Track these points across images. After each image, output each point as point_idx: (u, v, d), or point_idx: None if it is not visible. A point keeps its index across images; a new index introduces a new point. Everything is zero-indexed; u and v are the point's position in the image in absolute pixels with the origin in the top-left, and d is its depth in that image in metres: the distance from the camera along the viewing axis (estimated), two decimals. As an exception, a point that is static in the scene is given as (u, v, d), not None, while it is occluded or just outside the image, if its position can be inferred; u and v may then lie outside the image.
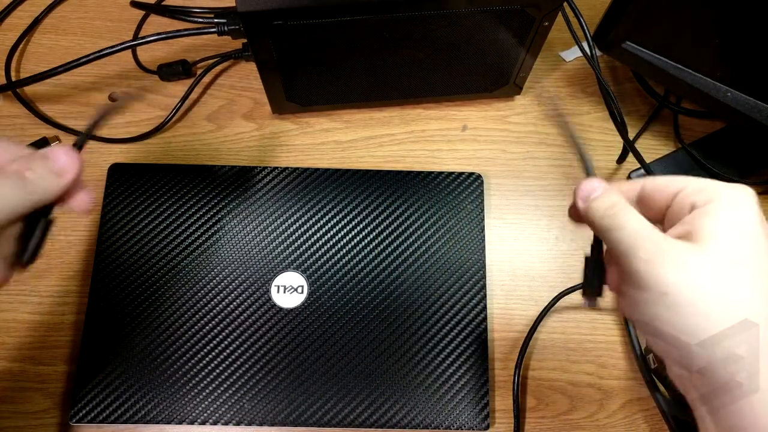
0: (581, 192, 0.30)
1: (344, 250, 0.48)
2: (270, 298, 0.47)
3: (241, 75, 0.56)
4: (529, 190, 0.53)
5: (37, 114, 0.52)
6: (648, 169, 0.51)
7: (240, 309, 0.47)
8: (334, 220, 0.49)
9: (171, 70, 0.54)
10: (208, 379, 0.45)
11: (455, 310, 0.47)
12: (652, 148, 0.55)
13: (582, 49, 0.53)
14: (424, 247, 0.49)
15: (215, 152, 0.53)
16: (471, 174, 0.51)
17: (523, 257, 0.51)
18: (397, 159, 0.53)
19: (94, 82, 0.54)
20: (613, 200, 0.28)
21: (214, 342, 0.46)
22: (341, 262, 0.48)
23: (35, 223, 0.30)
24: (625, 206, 0.28)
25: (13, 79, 0.54)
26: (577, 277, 0.50)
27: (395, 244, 0.49)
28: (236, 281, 0.47)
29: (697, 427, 0.26)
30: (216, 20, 0.45)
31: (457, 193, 0.50)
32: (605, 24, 0.45)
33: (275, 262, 0.48)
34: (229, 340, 0.46)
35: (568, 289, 0.49)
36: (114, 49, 0.45)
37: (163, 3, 0.57)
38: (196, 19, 0.47)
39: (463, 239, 0.49)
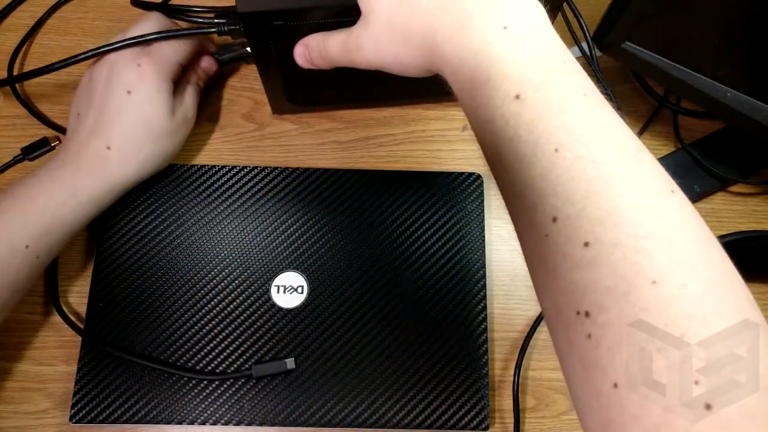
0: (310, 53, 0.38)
1: (344, 250, 0.48)
2: (270, 298, 0.47)
3: (241, 75, 0.56)
4: (529, 191, 0.53)
5: (37, 114, 0.52)
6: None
7: (240, 309, 0.47)
8: (334, 220, 0.49)
9: None
10: (208, 379, 0.45)
11: (455, 310, 0.47)
12: (652, 148, 0.54)
13: (581, 49, 0.53)
14: (424, 248, 0.49)
15: (215, 152, 0.53)
16: (471, 174, 0.51)
17: (523, 257, 0.50)
18: (397, 159, 0.53)
19: (94, 82, 0.54)
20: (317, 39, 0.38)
21: (214, 342, 0.46)
22: (341, 262, 0.48)
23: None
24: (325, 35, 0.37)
25: (14, 79, 0.54)
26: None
27: (395, 244, 0.49)
28: (236, 281, 0.47)
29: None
30: (216, 20, 0.45)
31: (457, 193, 0.50)
32: (605, 24, 0.45)
33: (275, 262, 0.48)
34: (229, 340, 0.46)
35: (568, 289, 0.48)
36: (112, 47, 0.45)
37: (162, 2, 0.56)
38: (196, 19, 0.47)
39: (463, 239, 0.49)
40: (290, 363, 0.45)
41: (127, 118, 0.44)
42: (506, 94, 0.26)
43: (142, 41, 0.46)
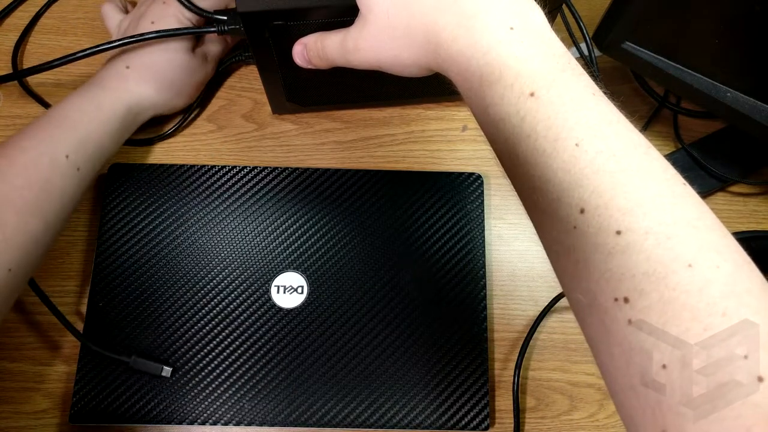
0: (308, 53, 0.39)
1: (344, 250, 0.48)
2: (270, 298, 0.47)
3: (241, 75, 0.56)
4: (529, 191, 0.53)
5: (44, 105, 0.53)
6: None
7: (240, 309, 0.47)
8: (334, 220, 0.49)
9: None
10: (208, 379, 0.45)
11: (455, 310, 0.47)
12: (652, 148, 0.55)
13: (580, 50, 0.53)
14: (424, 247, 0.49)
15: (215, 152, 0.53)
16: (471, 174, 0.51)
17: (523, 257, 0.51)
18: (397, 159, 0.53)
19: (94, 82, 0.54)
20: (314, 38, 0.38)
21: (214, 342, 0.46)
22: (341, 262, 0.48)
23: None
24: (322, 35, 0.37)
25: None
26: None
27: (395, 244, 0.49)
28: (236, 281, 0.47)
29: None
30: (216, 17, 0.45)
31: (457, 193, 0.50)
32: (605, 24, 0.45)
33: (275, 262, 0.48)
34: (229, 340, 0.46)
35: (568, 289, 0.49)
36: (113, 44, 0.45)
37: None
38: (199, 11, 0.47)
39: (463, 239, 0.49)
40: (166, 371, 0.44)
41: (147, 43, 0.48)
42: (520, 92, 0.27)
43: (141, 40, 0.46)
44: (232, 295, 0.47)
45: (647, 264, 0.23)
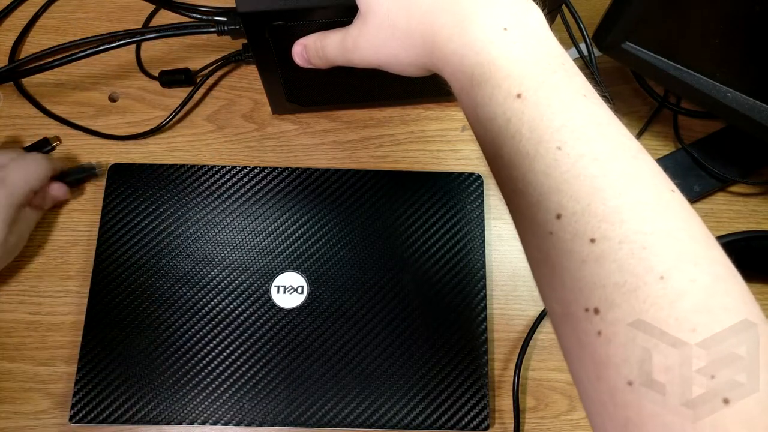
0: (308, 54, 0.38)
1: (344, 250, 0.48)
2: (270, 298, 0.47)
3: (241, 75, 0.56)
4: (529, 191, 0.53)
5: (41, 109, 0.53)
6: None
7: (240, 309, 0.47)
8: (334, 220, 0.49)
9: (173, 78, 0.54)
10: (208, 379, 0.45)
11: (455, 311, 0.47)
12: (652, 148, 0.55)
13: (579, 51, 0.53)
14: (424, 247, 0.49)
15: (215, 152, 0.53)
16: (471, 174, 0.51)
17: (523, 257, 0.50)
18: (397, 159, 0.53)
19: (94, 83, 0.54)
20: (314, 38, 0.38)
21: (214, 342, 0.46)
22: (341, 262, 0.48)
23: None
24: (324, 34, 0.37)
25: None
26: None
27: (395, 244, 0.49)
28: (236, 281, 0.47)
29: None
30: (216, 18, 0.45)
31: (457, 193, 0.50)
32: (605, 24, 0.45)
33: (275, 262, 0.48)
34: (229, 340, 0.46)
35: (568, 289, 0.48)
36: (114, 45, 0.45)
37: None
38: (195, 15, 0.47)
39: (463, 239, 0.49)
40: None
41: None
42: (508, 93, 0.26)
43: (143, 39, 0.46)
44: (232, 295, 0.47)
45: (618, 274, 0.22)
